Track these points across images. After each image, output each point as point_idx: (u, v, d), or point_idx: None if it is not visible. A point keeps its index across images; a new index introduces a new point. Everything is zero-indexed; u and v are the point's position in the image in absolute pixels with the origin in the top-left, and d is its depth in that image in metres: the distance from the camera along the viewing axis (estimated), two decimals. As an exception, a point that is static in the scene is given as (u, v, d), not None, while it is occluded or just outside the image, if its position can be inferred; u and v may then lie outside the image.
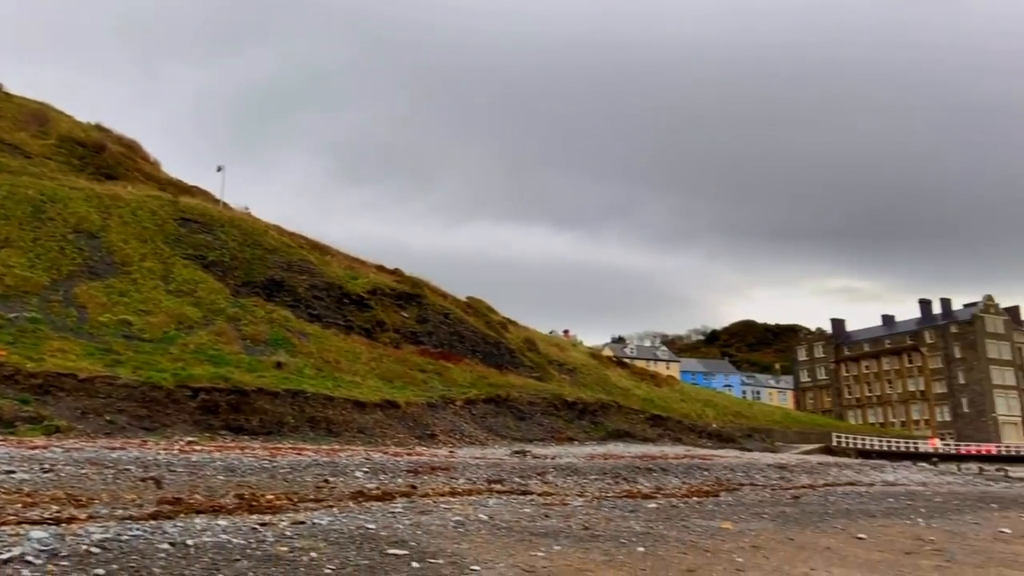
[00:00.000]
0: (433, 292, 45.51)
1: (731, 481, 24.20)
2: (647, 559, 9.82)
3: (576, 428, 37.43)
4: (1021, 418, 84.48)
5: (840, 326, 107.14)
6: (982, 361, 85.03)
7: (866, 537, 14.02)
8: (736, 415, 59.82)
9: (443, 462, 20.07)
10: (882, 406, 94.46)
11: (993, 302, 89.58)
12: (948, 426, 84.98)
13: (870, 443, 61.09)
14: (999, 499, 24.78)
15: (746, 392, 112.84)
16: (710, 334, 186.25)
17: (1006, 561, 12.88)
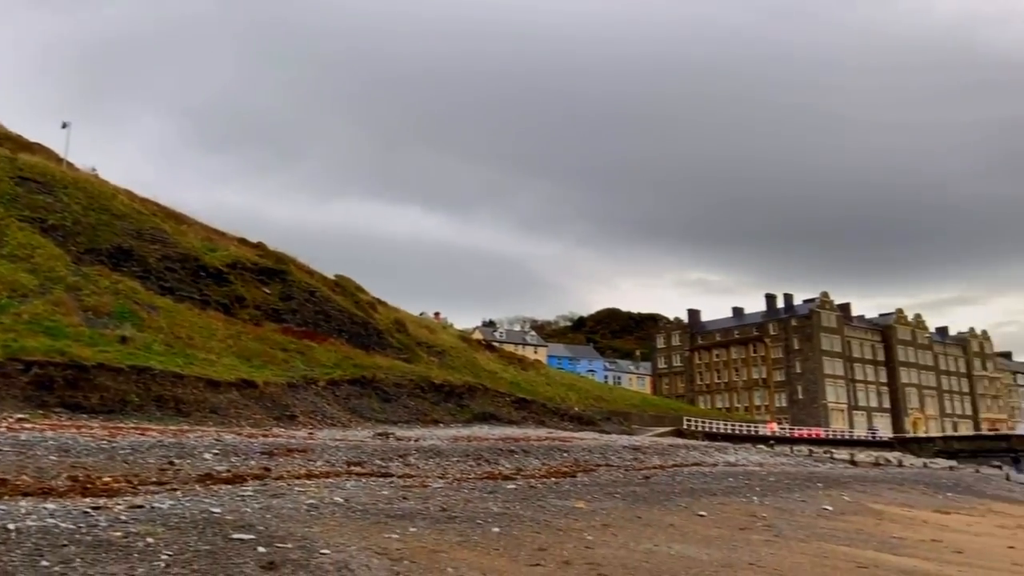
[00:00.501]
0: (299, 268, 43.97)
1: (588, 462, 25.05)
2: (501, 539, 9.97)
3: (442, 410, 37.48)
4: (847, 405, 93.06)
5: (696, 316, 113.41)
6: (816, 352, 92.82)
7: (706, 514, 14.95)
8: (597, 399, 62.02)
9: (301, 444, 19.48)
10: (729, 392, 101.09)
11: (828, 299, 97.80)
12: (785, 411, 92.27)
13: (716, 427, 65.16)
14: (824, 479, 27.13)
15: (608, 377, 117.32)
16: (577, 320, 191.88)
17: (826, 536, 14.14)
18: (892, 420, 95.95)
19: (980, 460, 58.86)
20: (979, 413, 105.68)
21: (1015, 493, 33.13)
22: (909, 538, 14.81)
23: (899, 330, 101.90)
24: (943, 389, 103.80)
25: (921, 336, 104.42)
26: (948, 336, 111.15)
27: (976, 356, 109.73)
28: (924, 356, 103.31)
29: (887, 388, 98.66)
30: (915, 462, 55.19)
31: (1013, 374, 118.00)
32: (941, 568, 11.47)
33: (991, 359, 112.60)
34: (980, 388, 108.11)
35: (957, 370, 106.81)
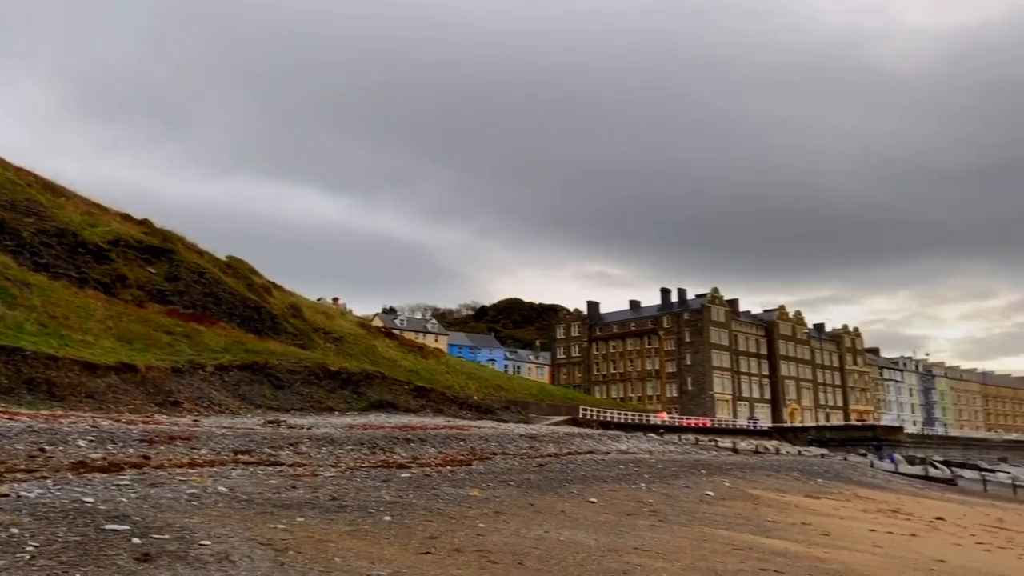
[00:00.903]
0: (187, 248, 41.96)
1: (485, 451, 25.22)
2: (392, 528, 9.89)
3: (337, 398, 36.76)
4: (732, 395, 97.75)
5: (595, 308, 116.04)
6: (706, 345, 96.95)
7: (596, 501, 15.35)
8: (497, 388, 62.49)
9: (185, 431, 18.65)
10: (624, 382, 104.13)
11: (718, 294, 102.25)
12: (675, 401, 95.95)
13: (611, 416, 67.00)
14: (708, 466, 28.40)
15: (509, 366, 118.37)
16: (479, 310, 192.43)
17: (707, 520, 14.80)
18: (772, 410, 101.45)
19: (848, 448, 63.20)
20: (849, 404, 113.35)
21: (877, 479, 35.73)
22: (782, 521, 15.71)
23: (781, 326, 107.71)
24: (818, 382, 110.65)
25: (800, 332, 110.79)
26: (824, 332, 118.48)
27: (848, 352, 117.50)
28: (802, 351, 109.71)
29: (768, 380, 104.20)
30: (791, 450, 58.60)
31: (880, 369, 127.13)
32: (809, 549, 12.22)
33: (861, 355, 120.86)
34: (851, 381, 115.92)
35: (831, 364, 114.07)
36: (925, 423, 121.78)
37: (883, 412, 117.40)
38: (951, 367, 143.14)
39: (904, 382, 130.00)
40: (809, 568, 10.18)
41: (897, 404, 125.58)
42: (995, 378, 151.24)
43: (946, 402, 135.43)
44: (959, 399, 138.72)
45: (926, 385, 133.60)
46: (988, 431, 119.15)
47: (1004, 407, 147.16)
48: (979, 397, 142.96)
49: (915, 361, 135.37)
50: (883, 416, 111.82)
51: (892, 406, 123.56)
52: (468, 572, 7.72)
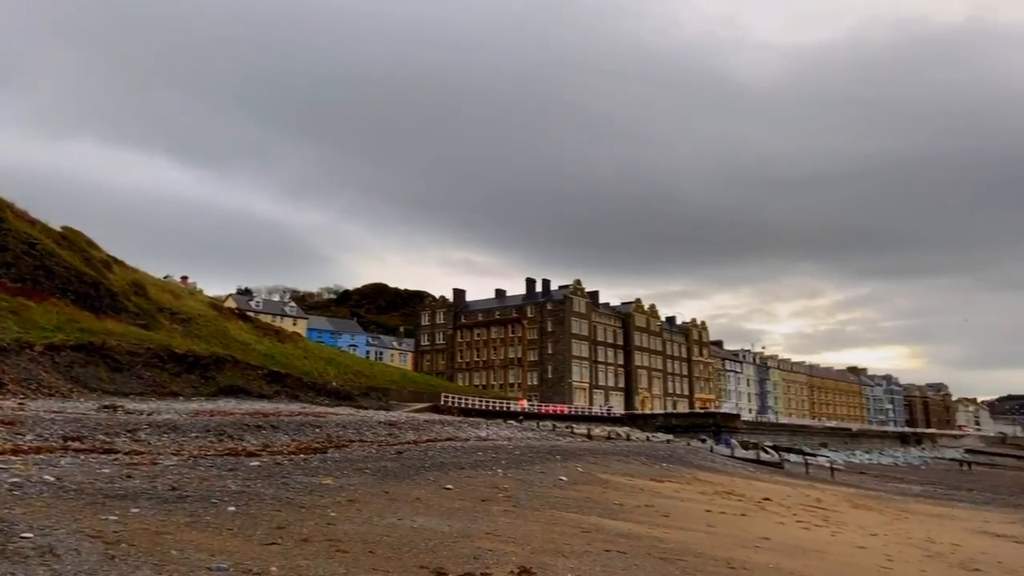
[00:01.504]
0: (17, 216, 38.15)
1: (342, 438, 24.72)
2: (236, 518, 9.50)
3: (183, 383, 34.77)
4: (589, 384, 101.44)
5: (461, 296, 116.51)
6: (567, 335, 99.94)
7: (453, 487, 15.45)
8: (357, 374, 61.37)
9: (8, 415, 17.01)
10: (487, 370, 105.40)
11: (580, 286, 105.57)
12: (535, 389, 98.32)
13: (472, 403, 67.63)
14: (563, 452, 29.32)
15: (371, 352, 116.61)
16: (342, 294, 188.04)
17: (558, 504, 15.28)
18: (625, 398, 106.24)
19: (692, 434, 67.35)
20: (694, 393, 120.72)
21: (715, 463, 38.26)
22: (627, 504, 16.49)
23: (637, 318, 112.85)
24: (668, 371, 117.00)
25: (654, 324, 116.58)
26: (675, 325, 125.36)
27: (695, 344, 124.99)
28: (655, 342, 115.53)
29: (623, 369, 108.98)
30: (641, 436, 61.65)
31: (722, 360, 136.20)
32: (651, 530, 12.91)
33: (707, 347, 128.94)
34: (696, 372, 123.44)
35: (680, 355, 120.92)
36: (759, 411, 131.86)
37: (723, 401, 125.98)
38: (783, 360, 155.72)
39: (743, 373, 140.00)
40: (649, 547, 10.76)
41: (736, 393, 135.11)
42: (820, 371, 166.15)
43: (778, 392, 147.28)
44: (789, 389, 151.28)
45: (761, 376, 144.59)
46: (812, 419, 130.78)
47: (826, 397, 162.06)
48: (806, 388, 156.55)
49: (753, 354, 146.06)
50: (723, 404, 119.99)
51: (732, 395, 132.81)
52: (316, 562, 7.56)
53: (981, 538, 18.22)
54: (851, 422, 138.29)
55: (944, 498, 36.07)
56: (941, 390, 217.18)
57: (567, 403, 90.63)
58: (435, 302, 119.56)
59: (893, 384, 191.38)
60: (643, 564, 9.31)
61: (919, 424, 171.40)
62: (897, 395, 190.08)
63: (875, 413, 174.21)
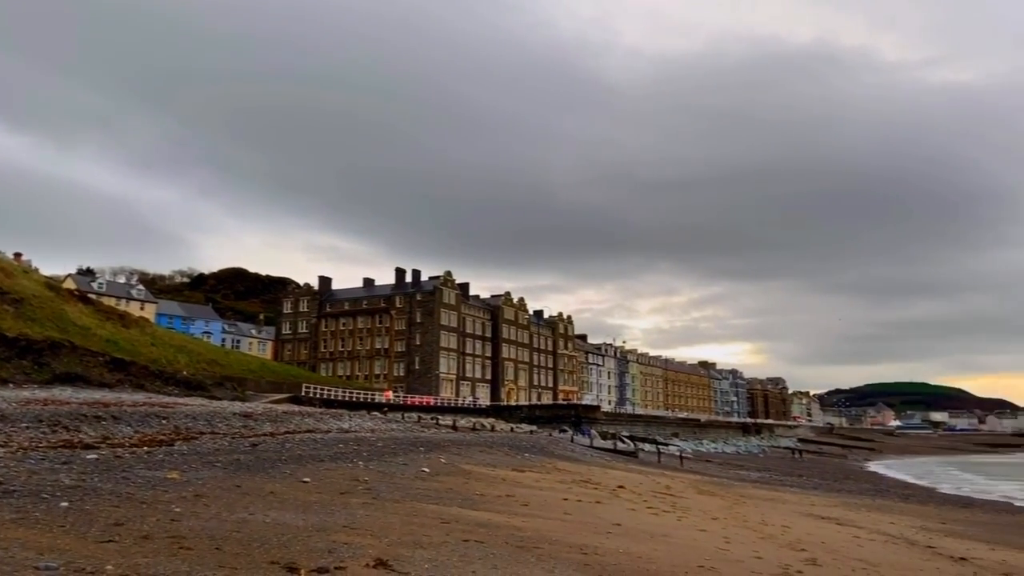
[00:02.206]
0: None
1: (191, 430, 23.47)
2: (70, 514, 8.80)
3: (14, 368, 31.76)
4: (456, 375, 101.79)
5: (327, 283, 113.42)
6: (435, 326, 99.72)
7: (310, 480, 15.05)
8: (211, 363, 58.35)
9: None
10: (352, 360, 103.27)
11: (451, 277, 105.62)
12: (402, 380, 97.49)
13: (335, 394, 66.11)
14: (427, 443, 29.27)
15: (227, 340, 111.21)
16: (197, 278, 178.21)
17: (419, 495, 15.24)
18: (492, 390, 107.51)
19: (554, 425, 69.20)
20: (558, 385, 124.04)
21: (575, 453, 39.54)
22: (488, 494, 16.71)
23: (505, 311, 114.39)
24: (534, 364, 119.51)
25: (522, 317, 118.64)
26: (542, 319, 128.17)
27: (561, 337, 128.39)
28: (522, 335, 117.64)
29: (491, 362, 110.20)
30: (505, 427, 62.62)
31: (586, 354, 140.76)
32: (509, 519, 13.15)
33: (571, 340, 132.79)
34: (561, 364, 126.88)
35: (546, 348, 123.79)
36: (618, 403, 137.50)
37: (585, 392, 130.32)
38: (642, 354, 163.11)
39: (604, 366, 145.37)
40: (507, 536, 10.95)
41: (597, 386, 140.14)
42: (674, 365, 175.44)
43: (636, 385, 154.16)
44: (646, 382, 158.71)
45: (621, 369, 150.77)
46: (666, 410, 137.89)
47: (679, 390, 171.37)
48: (661, 381, 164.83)
49: (614, 348, 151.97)
50: (585, 396, 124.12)
51: (593, 387, 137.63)
52: (156, 560, 7.12)
53: (807, 520, 19.91)
54: (700, 413, 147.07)
55: (778, 484, 39.10)
56: (779, 384, 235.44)
57: (434, 395, 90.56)
58: (299, 289, 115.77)
59: (738, 378, 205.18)
60: (500, 552, 9.46)
61: (760, 415, 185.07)
62: (741, 388, 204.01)
63: (722, 405, 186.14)
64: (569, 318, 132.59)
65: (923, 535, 18.51)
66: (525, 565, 8.94)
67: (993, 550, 16.61)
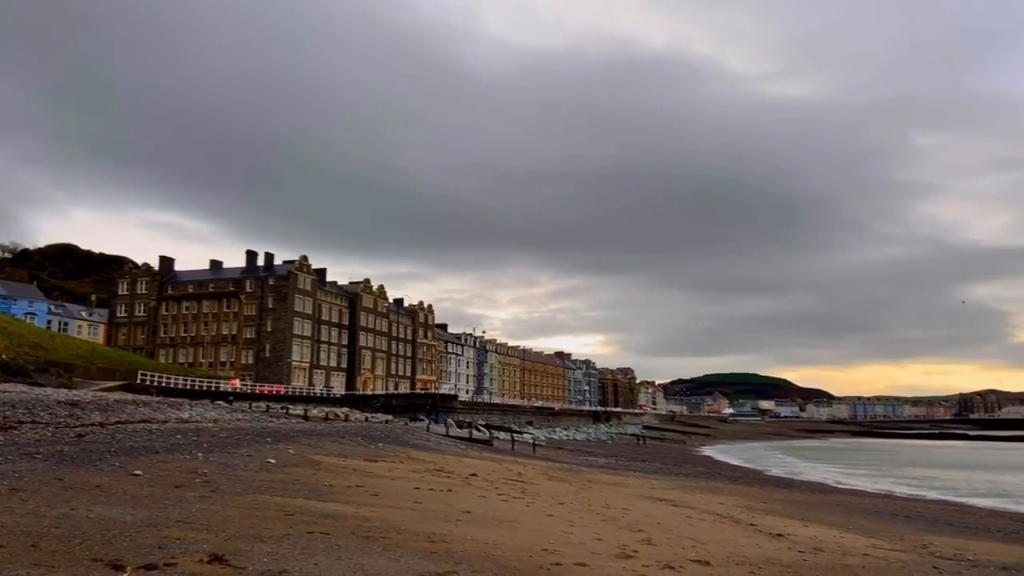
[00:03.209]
0: None
1: (8, 419, 21.38)
2: None
3: None
4: (309, 364, 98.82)
5: (168, 264, 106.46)
6: (289, 312, 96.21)
7: (142, 473, 14.12)
8: (34, 347, 53.29)
9: None
10: (196, 347, 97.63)
11: (307, 262, 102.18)
12: (250, 368, 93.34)
13: (175, 382, 62.34)
14: (275, 434, 28.25)
15: (53, 323, 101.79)
16: (20, 253, 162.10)
17: (263, 488, 14.69)
18: (347, 379, 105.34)
19: (411, 415, 68.96)
20: (417, 375, 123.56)
21: (431, 442, 39.57)
22: (337, 485, 16.39)
23: (364, 298, 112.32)
24: (392, 353, 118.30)
25: (381, 305, 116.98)
26: (402, 307, 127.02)
27: (421, 326, 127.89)
28: (381, 323, 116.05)
29: (347, 350, 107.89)
30: (360, 417, 61.66)
31: (446, 343, 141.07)
32: (358, 510, 12.96)
33: (431, 329, 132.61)
34: (420, 353, 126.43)
35: (405, 337, 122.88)
36: (476, 392, 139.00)
37: (444, 382, 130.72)
38: (501, 344, 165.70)
39: (463, 355, 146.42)
40: (354, 527, 10.80)
41: (456, 375, 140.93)
42: (532, 355, 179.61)
43: (494, 374, 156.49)
44: (504, 372, 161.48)
45: (480, 359, 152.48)
46: (523, 399, 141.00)
47: (536, 379, 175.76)
48: (519, 370, 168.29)
49: (474, 337, 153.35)
50: (443, 385, 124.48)
51: (452, 376, 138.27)
52: (-46, 565, 6.43)
53: (647, 503, 21.05)
54: (555, 402, 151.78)
55: (623, 469, 41.07)
56: (628, 374, 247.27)
57: (285, 383, 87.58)
58: (136, 269, 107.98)
59: (591, 368, 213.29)
60: (345, 544, 9.32)
61: (610, 404, 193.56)
62: (594, 378, 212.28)
63: (575, 394, 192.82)
64: (430, 307, 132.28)
65: (747, 514, 20.08)
66: (370, 555, 8.86)
67: (807, 526, 18.29)
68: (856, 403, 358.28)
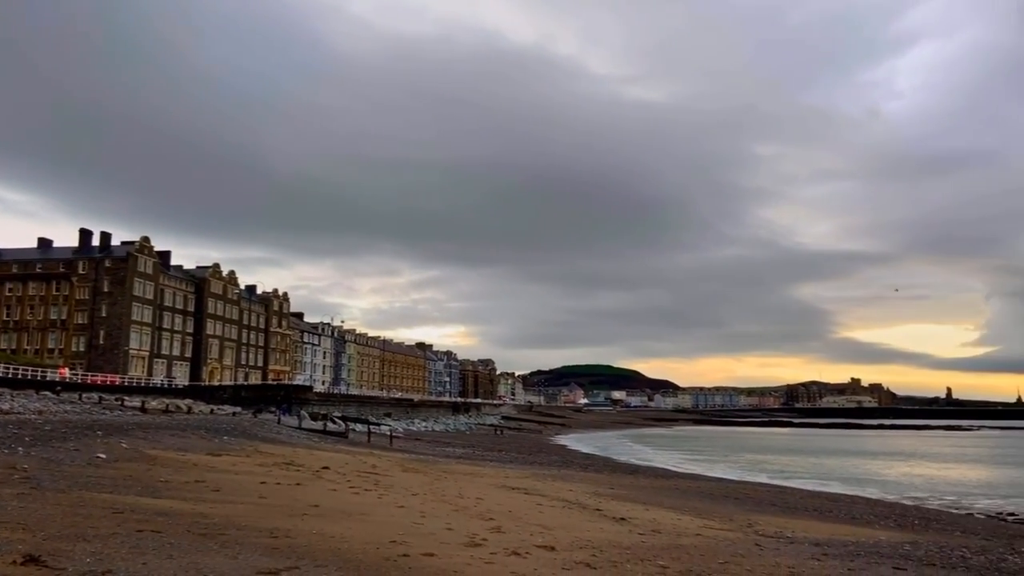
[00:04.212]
0: None
1: None
2: None
3: None
4: (149, 352, 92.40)
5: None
6: (127, 297, 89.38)
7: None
8: None
9: None
10: (19, 332, 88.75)
11: (149, 244, 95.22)
12: (82, 357, 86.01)
13: (-6, 371, 56.44)
14: (107, 427, 26.28)
15: None
16: None
17: (91, 484, 13.64)
18: (192, 369, 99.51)
19: (261, 407, 66.27)
20: (269, 365, 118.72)
21: (281, 435, 38.25)
22: (175, 481, 15.50)
23: (213, 284, 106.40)
24: (242, 342, 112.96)
25: (232, 292, 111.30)
26: (255, 294, 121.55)
27: (275, 314, 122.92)
28: (232, 310, 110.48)
29: (192, 338, 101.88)
30: (205, 409, 58.60)
31: (301, 332, 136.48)
32: (195, 507, 12.31)
33: (286, 318, 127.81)
34: (273, 343, 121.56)
35: (257, 325, 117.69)
36: (333, 383, 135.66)
37: (298, 373, 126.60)
38: (360, 334, 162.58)
39: (320, 346, 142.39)
40: (190, 524, 10.25)
41: (312, 365, 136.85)
42: (392, 345, 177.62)
43: (352, 365, 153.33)
44: (363, 363, 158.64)
45: (338, 349, 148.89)
46: (382, 391, 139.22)
47: (396, 370, 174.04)
48: (378, 361, 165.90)
49: (332, 327, 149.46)
50: (297, 376, 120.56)
51: (307, 367, 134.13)
52: None
53: (500, 492, 21.43)
54: (415, 393, 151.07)
55: (479, 459, 41.56)
56: (489, 365, 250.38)
57: (121, 373, 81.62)
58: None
59: (452, 360, 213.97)
60: (178, 542, 8.82)
61: (470, 395, 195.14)
62: (455, 369, 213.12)
63: (435, 385, 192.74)
64: (285, 295, 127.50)
65: (594, 499, 20.92)
66: (206, 553, 8.44)
67: (648, 510, 19.32)
68: (698, 393, 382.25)
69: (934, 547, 15.11)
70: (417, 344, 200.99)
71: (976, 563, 13.08)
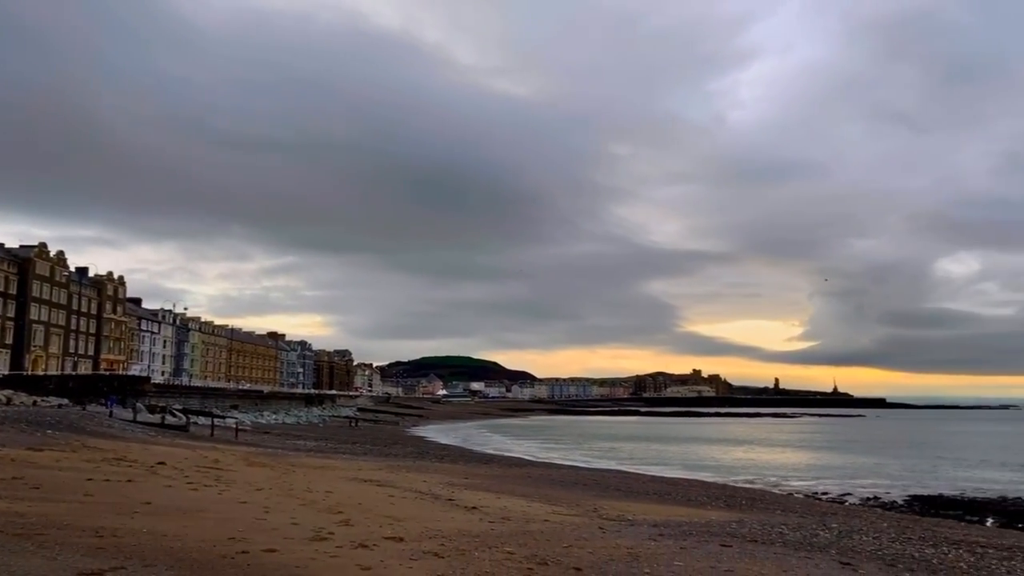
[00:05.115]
0: None
1: None
2: None
3: None
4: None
5: None
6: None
7: None
8: None
9: None
10: None
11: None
12: None
13: None
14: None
15: None
16: None
17: None
18: (13, 357, 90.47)
19: (91, 399, 61.31)
20: (101, 354, 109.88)
21: (113, 429, 35.61)
22: (-15, 479, 14.06)
23: (39, 264, 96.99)
24: (72, 328, 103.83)
25: (60, 274, 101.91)
26: (86, 277, 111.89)
27: (109, 300, 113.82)
28: (60, 294, 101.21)
29: (13, 324, 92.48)
30: (27, 400, 53.59)
31: (138, 320, 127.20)
32: (11, 505, 11.26)
33: (122, 304, 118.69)
34: (107, 330, 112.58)
35: (89, 311, 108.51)
36: (174, 374, 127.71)
37: (135, 362, 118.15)
38: (205, 322, 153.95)
39: (160, 334, 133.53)
40: (3, 524, 9.36)
41: (150, 355, 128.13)
42: (241, 335, 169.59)
43: (196, 355, 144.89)
44: (208, 352, 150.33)
45: (180, 338, 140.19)
46: (229, 382, 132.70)
47: (244, 360, 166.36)
48: (225, 351, 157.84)
49: (174, 314, 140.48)
50: (133, 366, 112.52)
51: (145, 357, 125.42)
52: None
53: (352, 484, 21.06)
54: (265, 385, 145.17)
55: (331, 452, 40.63)
56: (346, 356, 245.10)
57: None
58: None
59: (306, 350, 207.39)
60: (-14, 545, 8.02)
61: (325, 386, 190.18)
62: (309, 360, 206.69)
63: (288, 376, 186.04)
64: (121, 278, 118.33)
65: (447, 490, 21.03)
66: (21, 554, 7.73)
67: (499, 498, 19.67)
68: (554, 384, 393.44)
69: (757, 525, 16.42)
70: (268, 333, 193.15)
71: (792, 538, 14.35)
